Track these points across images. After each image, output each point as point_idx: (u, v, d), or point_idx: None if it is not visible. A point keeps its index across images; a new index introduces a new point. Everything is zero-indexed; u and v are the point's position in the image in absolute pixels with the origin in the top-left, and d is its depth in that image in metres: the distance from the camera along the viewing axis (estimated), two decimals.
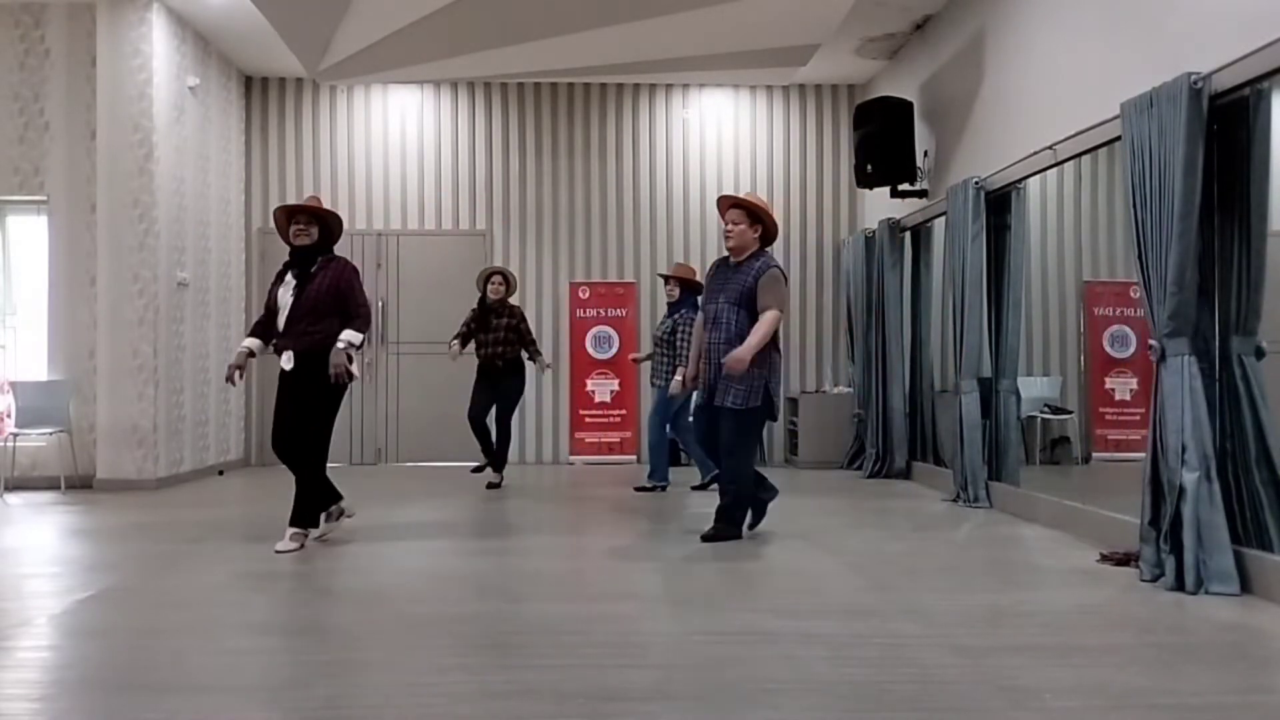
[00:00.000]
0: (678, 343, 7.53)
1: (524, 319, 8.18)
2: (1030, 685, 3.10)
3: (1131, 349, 7.19)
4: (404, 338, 10.09)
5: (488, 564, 5.20)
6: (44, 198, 8.29)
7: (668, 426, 7.81)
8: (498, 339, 7.98)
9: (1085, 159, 6.01)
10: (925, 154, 8.40)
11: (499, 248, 10.24)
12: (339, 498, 5.74)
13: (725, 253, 5.81)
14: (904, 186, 8.40)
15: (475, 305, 8.12)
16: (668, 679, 3.18)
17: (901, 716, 2.86)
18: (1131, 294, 6.80)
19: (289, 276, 5.59)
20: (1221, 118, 4.52)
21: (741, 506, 5.67)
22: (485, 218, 10.27)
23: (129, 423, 8.05)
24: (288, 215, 5.62)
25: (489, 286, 8.06)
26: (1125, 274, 6.94)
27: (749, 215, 5.65)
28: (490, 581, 4.76)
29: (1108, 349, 7.25)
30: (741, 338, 5.47)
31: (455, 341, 8.01)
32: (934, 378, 8.52)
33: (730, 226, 5.68)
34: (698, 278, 7.66)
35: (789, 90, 10.42)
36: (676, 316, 7.70)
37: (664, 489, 7.82)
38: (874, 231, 9.18)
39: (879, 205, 9.33)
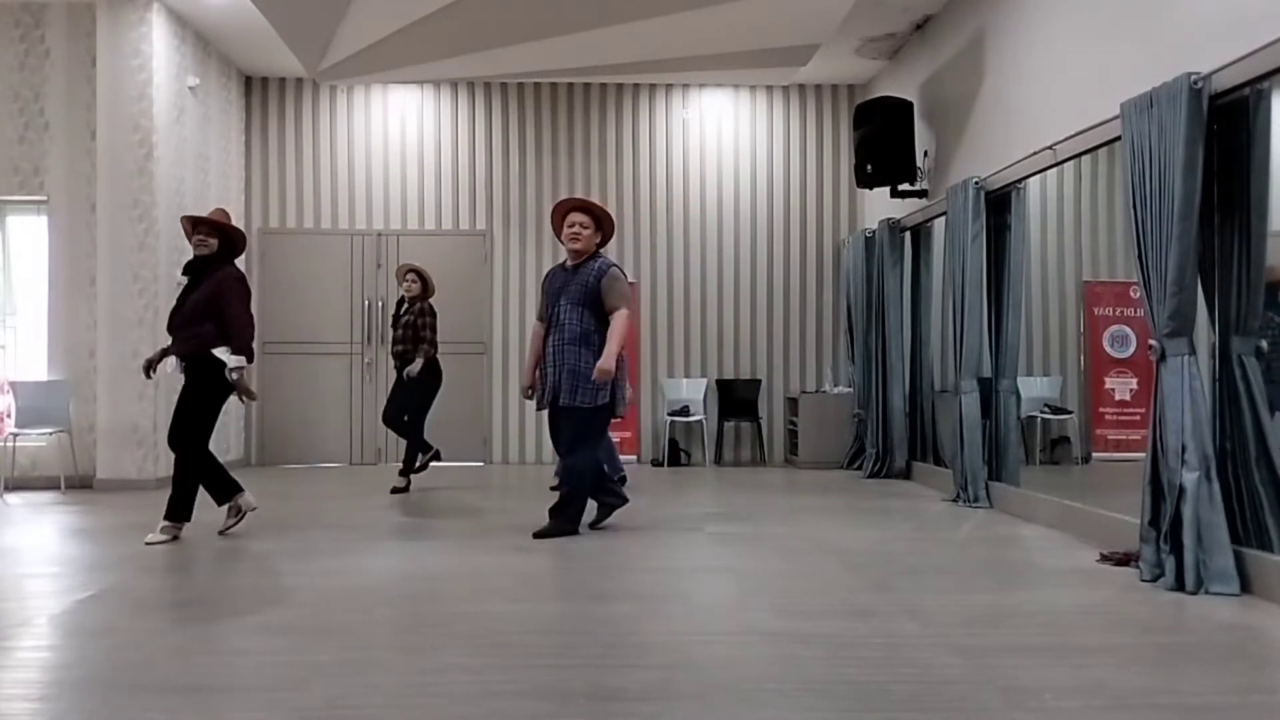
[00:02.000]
0: None
1: (425, 315, 7.75)
2: (1030, 685, 3.10)
3: (1131, 349, 7.19)
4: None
5: (488, 564, 5.20)
6: (44, 198, 8.29)
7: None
8: (399, 336, 7.75)
9: (1085, 159, 6.01)
10: (925, 154, 8.40)
11: (499, 248, 10.24)
12: (238, 490, 5.93)
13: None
14: (904, 186, 8.40)
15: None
16: (668, 679, 3.18)
17: (901, 716, 2.86)
18: (1131, 294, 6.80)
19: (187, 281, 5.83)
20: (1221, 118, 4.52)
21: (581, 502, 5.84)
22: (485, 218, 10.27)
23: (129, 423, 8.05)
24: (192, 225, 5.83)
25: (402, 284, 7.82)
26: (1125, 274, 6.94)
27: (594, 219, 5.79)
28: (490, 581, 4.76)
29: (1108, 349, 7.25)
30: (586, 337, 5.62)
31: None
32: (934, 378, 8.52)
33: (577, 230, 5.76)
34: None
35: (789, 90, 10.42)
36: None
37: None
38: (874, 231, 9.18)
39: (879, 205, 9.33)
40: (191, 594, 4.48)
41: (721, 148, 10.40)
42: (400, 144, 10.26)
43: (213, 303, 5.62)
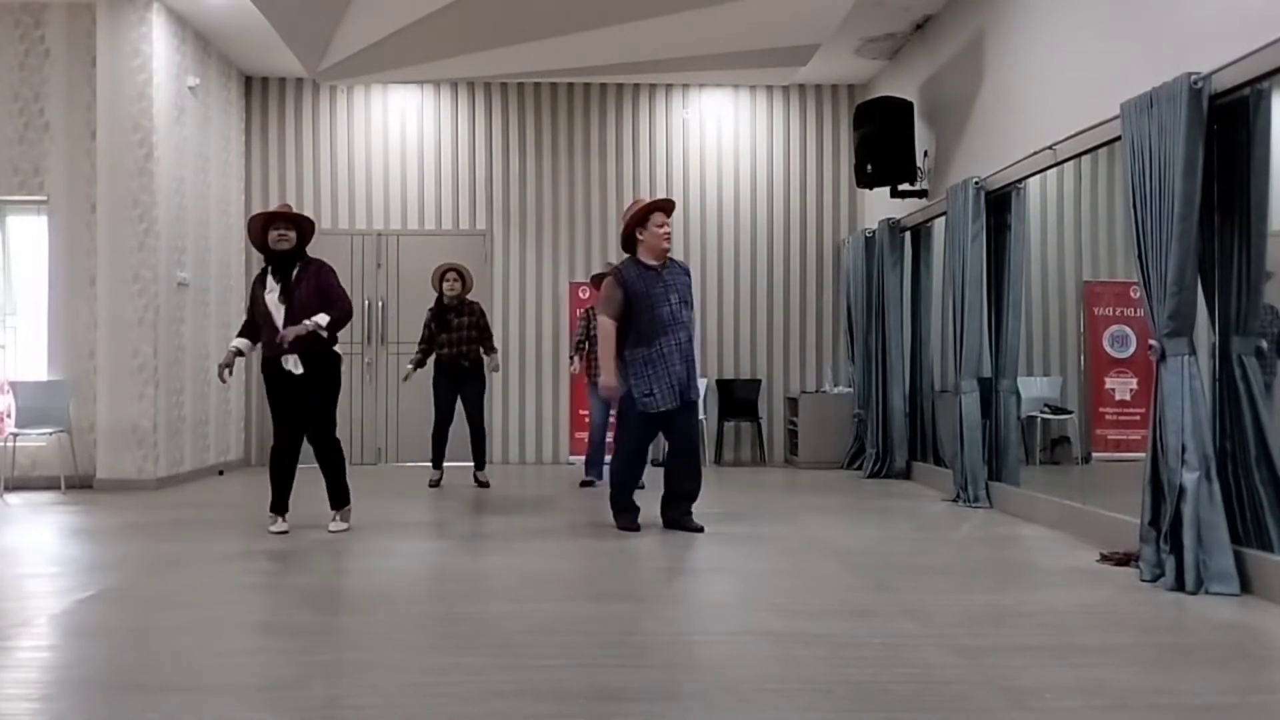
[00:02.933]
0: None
1: (484, 314, 8.09)
2: (1030, 685, 3.10)
3: (1131, 349, 7.18)
4: (404, 338, 10.07)
5: (488, 564, 5.20)
6: (44, 198, 8.29)
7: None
8: (461, 338, 7.87)
9: (1085, 159, 6.01)
10: (925, 154, 8.40)
11: (499, 248, 10.24)
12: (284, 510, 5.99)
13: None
14: (904, 186, 8.40)
15: (431, 308, 8.02)
16: (668, 679, 3.18)
17: (901, 716, 2.86)
18: (1131, 294, 6.79)
19: (271, 281, 5.78)
20: (1221, 118, 4.52)
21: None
22: (485, 218, 10.27)
23: (129, 423, 8.05)
24: (267, 221, 5.81)
25: (444, 284, 7.93)
26: (1125, 274, 6.93)
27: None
28: (490, 581, 4.76)
29: (1108, 349, 7.25)
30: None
31: (411, 366, 8.01)
32: (934, 378, 8.52)
33: (669, 231, 5.85)
34: None
35: (789, 90, 10.42)
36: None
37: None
38: (874, 231, 9.18)
39: (879, 205, 9.33)
40: (191, 594, 4.48)
41: (721, 148, 10.40)
42: (400, 144, 10.26)
43: (324, 295, 5.74)
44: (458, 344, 7.86)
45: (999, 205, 6.96)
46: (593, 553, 5.61)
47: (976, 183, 6.96)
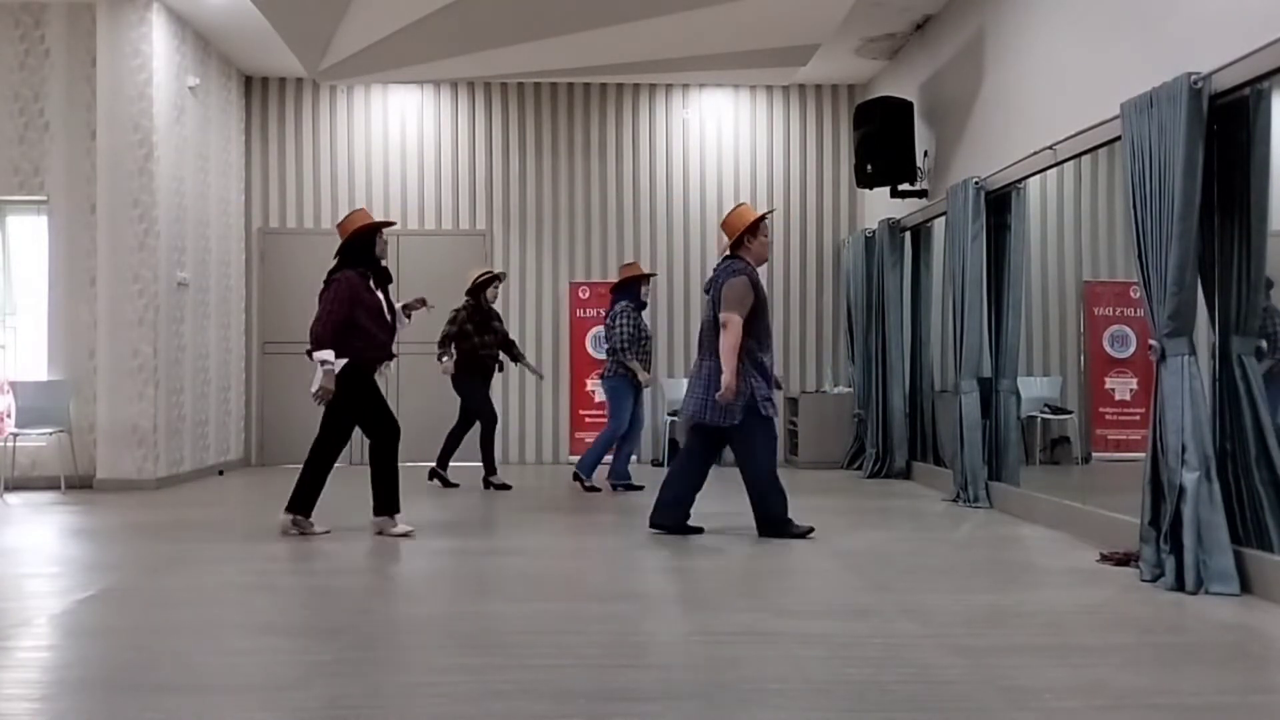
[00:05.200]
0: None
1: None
2: (1030, 685, 3.10)
3: (1131, 349, 7.18)
4: (403, 338, 9.98)
5: (488, 564, 5.20)
6: (44, 198, 8.29)
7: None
8: (495, 341, 8.16)
9: (1085, 159, 6.01)
10: (925, 154, 8.40)
11: (499, 248, 10.24)
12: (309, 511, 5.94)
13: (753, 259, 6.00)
14: (904, 186, 8.40)
15: (467, 306, 8.09)
16: (668, 679, 3.18)
17: (901, 716, 2.86)
18: (1131, 294, 6.79)
19: (371, 284, 5.81)
20: (1221, 118, 4.52)
21: None
22: (485, 218, 10.27)
23: (129, 423, 8.05)
24: (379, 228, 5.88)
25: (491, 290, 8.13)
26: (1125, 274, 6.93)
27: None
28: (490, 581, 4.76)
29: (1108, 349, 7.24)
30: None
31: (448, 358, 8.07)
32: (934, 378, 8.52)
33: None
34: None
35: (789, 90, 10.42)
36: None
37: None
38: (874, 231, 9.18)
39: (879, 205, 9.33)
40: (191, 594, 4.48)
41: (721, 148, 10.40)
42: (400, 144, 10.26)
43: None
44: (492, 346, 8.13)
45: (999, 205, 6.96)
46: (592, 553, 5.62)
47: (976, 183, 6.96)
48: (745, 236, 5.89)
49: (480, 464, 8.24)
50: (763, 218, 5.97)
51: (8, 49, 8.26)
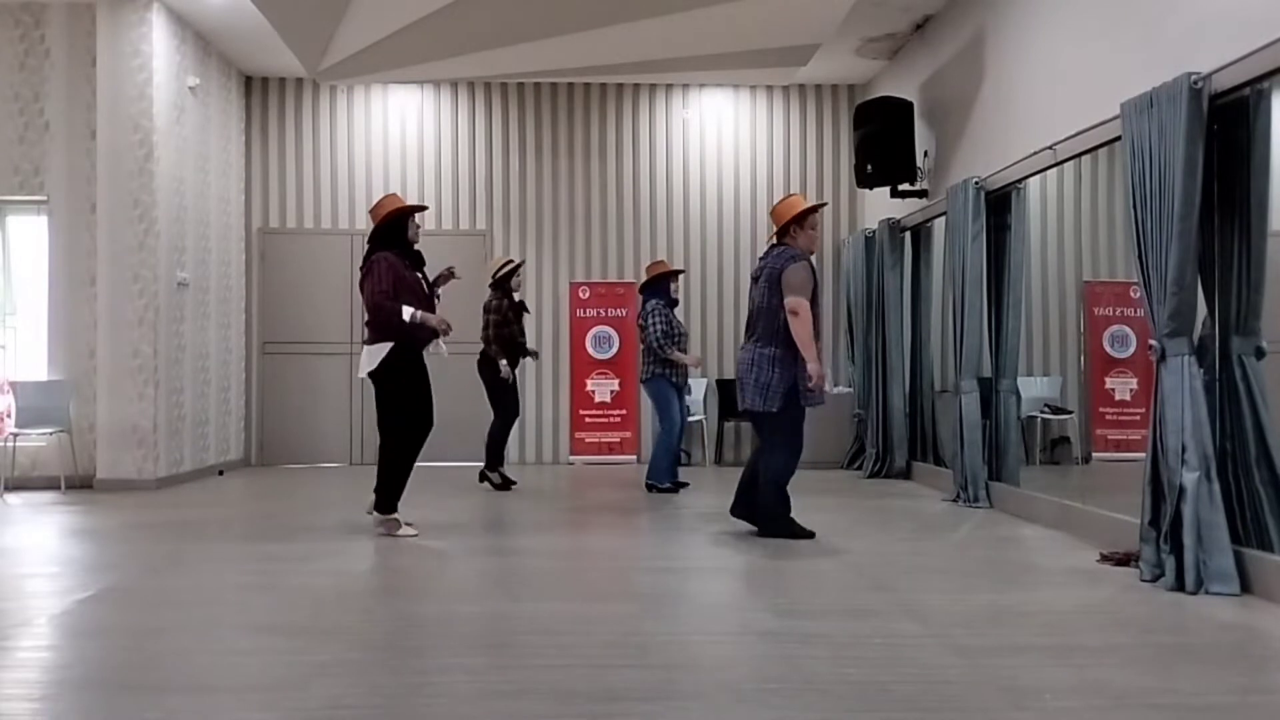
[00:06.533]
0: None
1: None
2: (1030, 685, 3.10)
3: (1131, 349, 7.19)
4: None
5: (488, 564, 5.20)
6: (44, 198, 8.29)
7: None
8: (522, 329, 8.09)
9: (1085, 159, 6.01)
10: (925, 154, 8.40)
11: (499, 248, 10.23)
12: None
13: (806, 253, 5.83)
14: (904, 186, 8.40)
15: (498, 299, 7.95)
16: (668, 679, 3.18)
17: (901, 716, 2.86)
18: (1131, 294, 6.80)
19: (407, 265, 5.82)
20: (1221, 118, 4.52)
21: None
22: (485, 218, 10.27)
23: (129, 423, 8.05)
24: (412, 212, 5.88)
25: (515, 279, 8.02)
26: (1125, 274, 6.94)
27: None
28: (490, 581, 4.76)
29: (1108, 349, 7.25)
30: None
31: (505, 363, 7.86)
32: (934, 378, 8.52)
33: None
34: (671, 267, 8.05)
35: (789, 90, 10.42)
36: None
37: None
38: (874, 231, 9.18)
39: (879, 205, 9.33)
40: (191, 594, 4.48)
41: (721, 148, 10.40)
42: (400, 144, 10.26)
43: None
44: (522, 334, 8.06)
45: (999, 205, 6.95)
46: (592, 552, 5.62)
47: (976, 183, 6.96)
48: (792, 226, 5.79)
49: (481, 459, 8.15)
50: (814, 209, 5.85)
51: (8, 49, 8.27)
